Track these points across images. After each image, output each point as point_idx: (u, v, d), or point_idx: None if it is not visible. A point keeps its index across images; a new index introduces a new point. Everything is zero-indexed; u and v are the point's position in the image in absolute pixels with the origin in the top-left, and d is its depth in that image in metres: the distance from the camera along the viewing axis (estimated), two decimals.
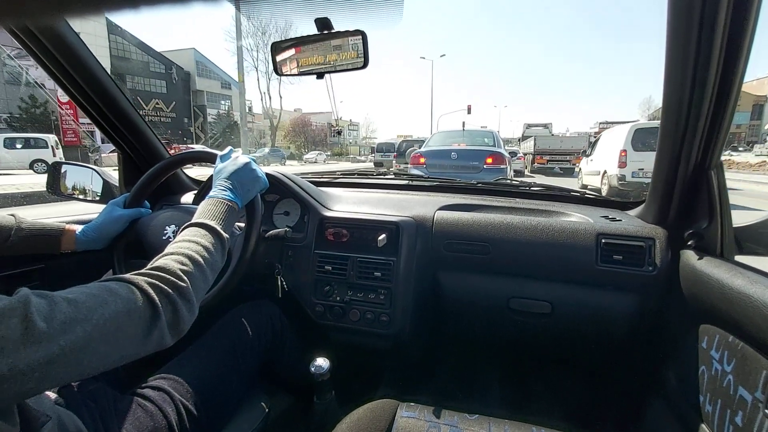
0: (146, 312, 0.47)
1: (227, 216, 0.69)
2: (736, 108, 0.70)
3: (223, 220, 0.68)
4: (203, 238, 0.62)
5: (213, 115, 34.12)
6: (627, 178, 6.28)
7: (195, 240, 0.61)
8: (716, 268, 0.69)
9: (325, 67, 0.91)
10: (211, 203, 0.70)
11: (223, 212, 0.69)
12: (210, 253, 0.60)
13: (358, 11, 0.79)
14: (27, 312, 0.37)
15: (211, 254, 0.61)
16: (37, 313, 0.37)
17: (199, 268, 0.57)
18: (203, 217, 0.66)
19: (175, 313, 0.50)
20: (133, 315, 0.45)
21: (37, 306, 0.38)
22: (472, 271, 1.06)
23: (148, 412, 0.64)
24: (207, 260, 0.59)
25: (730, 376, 0.63)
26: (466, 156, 4.97)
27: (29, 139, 12.23)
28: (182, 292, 0.52)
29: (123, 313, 0.44)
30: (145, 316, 0.47)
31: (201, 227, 0.64)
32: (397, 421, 0.70)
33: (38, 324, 0.37)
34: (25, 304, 0.37)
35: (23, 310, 0.37)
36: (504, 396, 1.27)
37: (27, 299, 0.38)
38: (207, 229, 0.64)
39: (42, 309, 0.38)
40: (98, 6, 0.15)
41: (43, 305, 0.38)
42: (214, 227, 0.64)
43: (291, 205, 1.16)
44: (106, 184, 1.17)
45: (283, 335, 0.95)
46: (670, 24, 0.66)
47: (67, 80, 0.97)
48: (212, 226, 0.64)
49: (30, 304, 0.37)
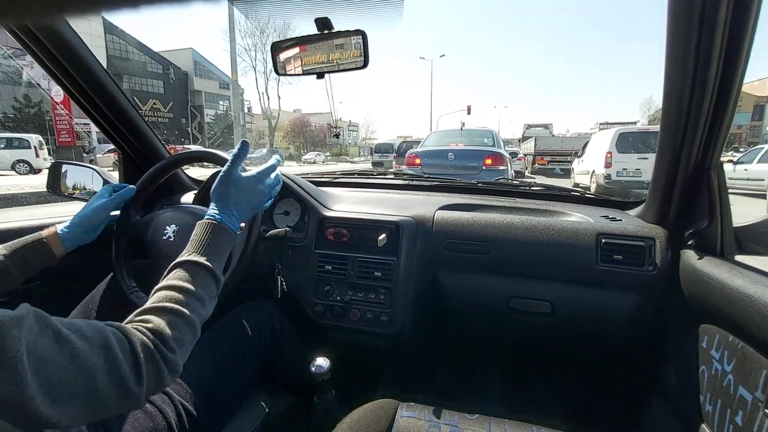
0: (128, 379, 0.43)
1: (219, 245, 0.62)
2: (737, 108, 0.70)
3: (216, 251, 0.61)
4: (197, 285, 0.55)
5: (211, 115, 34.09)
6: (612, 177, 7.17)
7: (187, 288, 0.54)
8: (716, 267, 0.69)
9: (325, 66, 0.91)
10: (202, 229, 0.63)
11: (214, 241, 0.62)
12: (202, 304, 0.55)
13: (358, 11, 0.79)
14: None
15: (203, 303, 0.56)
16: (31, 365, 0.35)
17: (191, 329, 0.53)
18: (194, 249, 0.60)
19: (157, 381, 0.47)
20: (113, 377, 0.42)
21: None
22: (473, 270, 1.06)
23: (148, 412, 0.64)
24: (200, 315, 0.55)
25: (731, 376, 0.63)
26: (464, 156, 4.86)
27: (11, 139, 11.72)
28: (171, 365, 0.48)
29: (104, 373, 0.41)
30: (124, 384, 0.43)
31: (192, 266, 0.57)
32: (398, 420, 0.70)
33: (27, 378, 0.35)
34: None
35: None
36: (504, 395, 1.27)
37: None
38: (198, 269, 0.57)
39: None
40: (98, 5, 0.15)
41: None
42: (206, 265, 0.58)
43: (291, 204, 1.16)
44: (106, 184, 1.17)
45: (283, 335, 0.95)
46: (670, 23, 0.66)
47: (67, 80, 0.96)
48: (203, 264, 0.58)
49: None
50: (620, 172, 7.12)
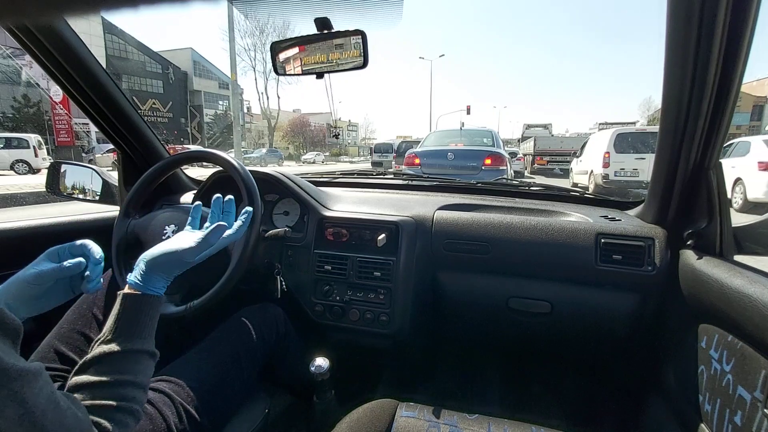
0: None
1: (153, 316, 0.58)
2: (736, 109, 0.70)
3: (150, 326, 0.57)
4: (141, 374, 0.53)
5: (210, 115, 34.07)
6: (610, 176, 7.30)
7: (133, 381, 0.52)
8: (715, 267, 0.70)
9: (325, 66, 0.91)
10: (120, 303, 0.55)
11: (146, 315, 0.56)
12: (144, 390, 0.54)
13: (357, 11, 0.79)
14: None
15: (145, 389, 0.54)
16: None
17: (136, 420, 0.51)
18: (110, 333, 0.53)
19: None
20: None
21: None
22: (472, 270, 1.06)
23: (148, 414, 0.64)
24: (142, 402, 0.53)
25: (730, 376, 0.63)
26: (463, 156, 4.85)
27: (10, 139, 11.68)
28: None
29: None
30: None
31: (136, 355, 0.53)
32: (397, 420, 0.70)
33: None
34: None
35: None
36: (504, 395, 1.27)
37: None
38: (142, 356, 0.54)
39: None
40: (97, 5, 0.15)
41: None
42: (152, 351, 0.56)
43: (291, 204, 1.16)
44: (106, 183, 1.17)
45: (287, 338, 0.94)
46: (670, 23, 0.66)
47: (66, 79, 0.96)
48: (147, 351, 0.55)
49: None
50: (618, 172, 7.26)
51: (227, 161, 0.90)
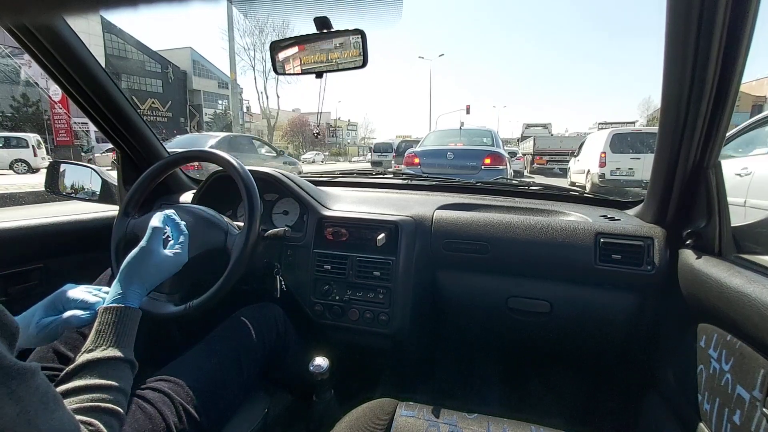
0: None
1: (132, 327, 0.60)
2: (735, 108, 0.70)
3: (129, 336, 0.59)
4: (122, 380, 0.55)
5: (210, 114, 33.98)
6: (606, 176, 7.47)
7: (116, 386, 0.53)
8: (714, 267, 0.70)
9: (324, 66, 0.91)
10: (99, 316, 0.59)
11: (125, 327, 0.59)
12: (126, 396, 0.55)
13: (357, 10, 0.79)
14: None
15: (126, 395, 0.55)
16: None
17: (120, 423, 0.52)
18: (94, 343, 0.56)
19: None
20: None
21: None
22: (471, 270, 1.06)
23: (147, 414, 0.64)
24: (124, 406, 0.54)
25: (728, 375, 0.63)
26: (463, 156, 4.87)
27: (9, 138, 11.63)
28: None
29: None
30: None
31: (116, 363, 0.55)
32: (396, 420, 0.70)
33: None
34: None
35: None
36: (503, 395, 1.27)
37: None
38: (121, 364, 0.56)
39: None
40: (96, 4, 0.15)
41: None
42: (131, 361, 0.58)
43: (290, 204, 1.16)
44: (105, 183, 1.16)
45: (286, 338, 0.94)
46: (669, 23, 0.66)
47: (65, 79, 0.96)
48: (126, 359, 0.57)
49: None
50: (614, 171, 7.43)
51: (227, 161, 0.90)
